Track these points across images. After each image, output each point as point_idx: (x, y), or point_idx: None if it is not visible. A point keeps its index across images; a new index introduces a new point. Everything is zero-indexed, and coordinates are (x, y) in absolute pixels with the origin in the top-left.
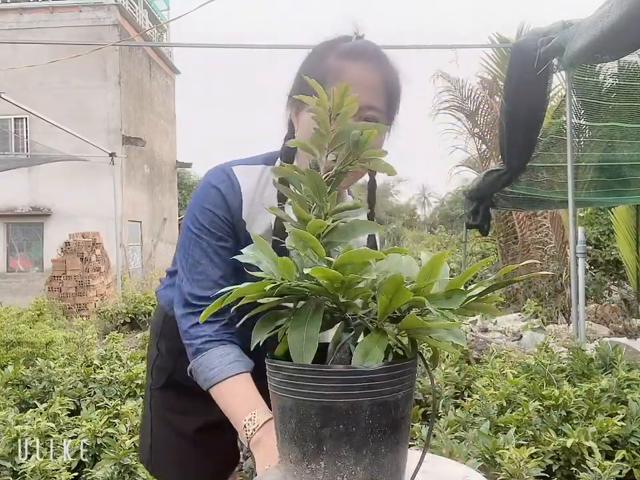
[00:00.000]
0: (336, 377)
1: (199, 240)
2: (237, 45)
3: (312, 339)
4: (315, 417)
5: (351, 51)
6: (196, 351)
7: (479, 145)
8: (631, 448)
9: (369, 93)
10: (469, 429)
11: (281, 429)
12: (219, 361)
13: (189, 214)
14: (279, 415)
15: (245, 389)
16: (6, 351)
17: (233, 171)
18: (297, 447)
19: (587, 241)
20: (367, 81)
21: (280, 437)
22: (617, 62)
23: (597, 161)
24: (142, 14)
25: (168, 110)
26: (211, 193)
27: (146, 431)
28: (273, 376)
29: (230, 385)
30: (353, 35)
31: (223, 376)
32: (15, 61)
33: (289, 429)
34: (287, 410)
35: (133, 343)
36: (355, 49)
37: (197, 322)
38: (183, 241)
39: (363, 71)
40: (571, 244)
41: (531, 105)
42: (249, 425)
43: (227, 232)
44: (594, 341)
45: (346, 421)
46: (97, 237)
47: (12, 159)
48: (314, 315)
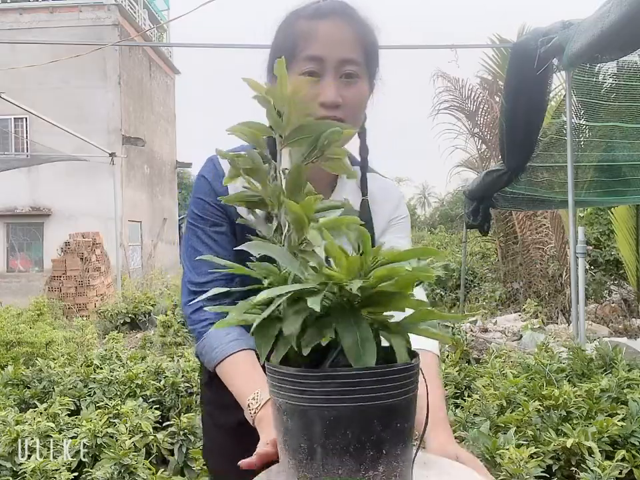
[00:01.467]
0: (398, 375)
1: (195, 229)
2: (237, 44)
3: (368, 339)
4: (378, 421)
5: (319, 10)
6: (199, 334)
7: (479, 145)
8: (631, 448)
9: (344, 46)
10: (469, 429)
11: (328, 445)
12: (219, 341)
13: (189, 208)
14: (325, 429)
15: (246, 366)
16: (6, 351)
17: (217, 158)
18: (353, 459)
19: (587, 241)
20: (339, 35)
21: (322, 455)
22: (616, 62)
23: (597, 161)
24: (142, 14)
25: (168, 110)
26: (201, 183)
27: (202, 427)
28: (323, 387)
29: (231, 364)
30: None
31: (224, 354)
32: (15, 61)
33: (342, 442)
34: (342, 420)
35: (133, 342)
36: (323, 8)
37: (198, 307)
38: (184, 236)
39: (335, 27)
40: (571, 244)
41: (531, 105)
42: (252, 404)
43: (220, 217)
44: (594, 341)
45: (403, 418)
46: (97, 237)
47: (12, 158)
48: (355, 314)
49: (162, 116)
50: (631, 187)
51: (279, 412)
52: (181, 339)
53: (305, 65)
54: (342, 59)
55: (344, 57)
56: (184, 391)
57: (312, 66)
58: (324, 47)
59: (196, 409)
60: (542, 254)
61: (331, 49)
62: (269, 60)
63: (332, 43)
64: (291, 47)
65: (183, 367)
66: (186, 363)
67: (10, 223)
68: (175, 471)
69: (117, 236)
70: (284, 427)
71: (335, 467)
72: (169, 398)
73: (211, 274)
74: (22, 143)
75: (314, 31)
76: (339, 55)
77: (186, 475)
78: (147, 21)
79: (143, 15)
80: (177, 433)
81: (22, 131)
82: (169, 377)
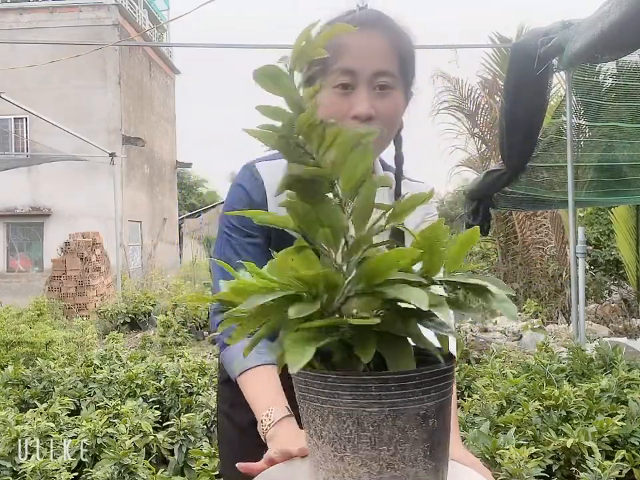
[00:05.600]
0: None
1: (229, 238)
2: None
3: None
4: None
5: (353, 21)
6: (222, 345)
7: (479, 145)
8: (631, 448)
9: (378, 58)
10: (469, 429)
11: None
12: (240, 353)
13: (222, 216)
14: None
15: (262, 381)
16: (6, 351)
17: (255, 167)
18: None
19: (587, 241)
20: (373, 47)
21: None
22: (616, 62)
23: (597, 161)
24: (142, 14)
25: (168, 110)
26: (237, 192)
27: (217, 423)
28: (402, 389)
29: (249, 377)
30: (356, 7)
31: (243, 367)
32: (15, 61)
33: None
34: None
35: (133, 342)
36: (357, 18)
37: None
38: (217, 243)
39: (369, 38)
40: (570, 244)
41: (530, 105)
42: (265, 420)
43: (255, 228)
44: (594, 341)
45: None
46: (97, 237)
47: (12, 158)
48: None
49: (162, 116)
50: (631, 187)
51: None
52: (181, 339)
53: (338, 78)
54: (375, 71)
55: (377, 69)
56: (184, 391)
57: (345, 79)
58: (357, 60)
59: (196, 409)
60: (542, 254)
61: (364, 61)
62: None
63: (365, 54)
64: (322, 60)
65: (183, 367)
66: (186, 362)
67: (10, 223)
68: (175, 471)
69: (117, 236)
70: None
71: None
72: (169, 398)
73: None
74: (22, 143)
75: (347, 43)
76: (373, 67)
77: (186, 475)
78: (147, 21)
79: (143, 15)
80: (177, 433)
81: (22, 131)
82: (169, 377)
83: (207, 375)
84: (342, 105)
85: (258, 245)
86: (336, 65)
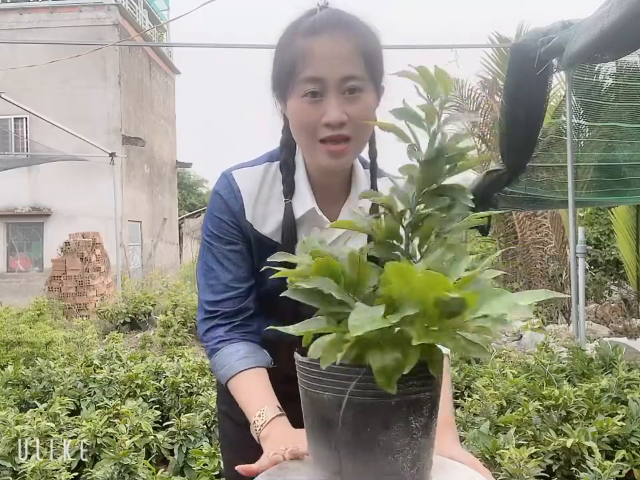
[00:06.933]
0: None
1: (211, 247)
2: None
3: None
4: None
5: (313, 26)
6: (211, 351)
7: (479, 145)
8: (631, 448)
9: (344, 63)
10: (469, 429)
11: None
12: (228, 358)
13: (203, 224)
14: None
15: (251, 384)
16: (6, 350)
17: (232, 175)
18: None
19: (587, 241)
20: (337, 51)
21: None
22: (616, 62)
23: (597, 161)
24: (142, 14)
25: (168, 110)
26: (216, 200)
27: (218, 422)
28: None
29: (239, 381)
30: (317, 6)
31: (232, 372)
32: (15, 61)
33: None
34: None
35: (133, 342)
36: (317, 23)
37: (212, 325)
38: (200, 251)
39: (331, 43)
40: (570, 244)
41: (530, 105)
42: (257, 421)
43: (235, 235)
44: (594, 341)
45: None
46: (97, 237)
47: (12, 158)
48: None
49: (162, 116)
50: (631, 186)
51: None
52: (180, 339)
53: (305, 86)
54: (343, 77)
55: (344, 74)
56: (184, 391)
57: (313, 87)
58: (323, 67)
59: (196, 409)
60: (542, 254)
61: (330, 67)
62: (272, 75)
63: (330, 61)
64: (289, 68)
65: (182, 367)
66: (186, 362)
67: (10, 223)
68: (175, 471)
69: (117, 236)
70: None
71: None
72: (169, 398)
73: (226, 292)
74: (22, 143)
75: (311, 50)
76: (339, 72)
77: (186, 475)
78: (147, 21)
79: (143, 15)
80: (177, 433)
81: (22, 131)
82: (169, 377)
83: (207, 375)
84: (313, 113)
85: (238, 251)
86: (302, 74)
